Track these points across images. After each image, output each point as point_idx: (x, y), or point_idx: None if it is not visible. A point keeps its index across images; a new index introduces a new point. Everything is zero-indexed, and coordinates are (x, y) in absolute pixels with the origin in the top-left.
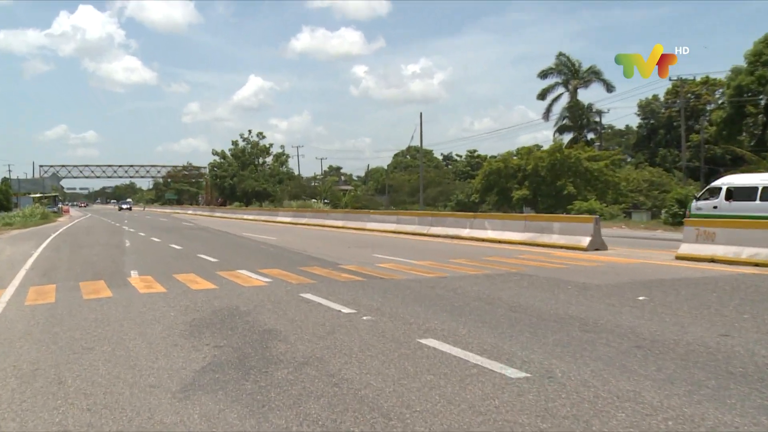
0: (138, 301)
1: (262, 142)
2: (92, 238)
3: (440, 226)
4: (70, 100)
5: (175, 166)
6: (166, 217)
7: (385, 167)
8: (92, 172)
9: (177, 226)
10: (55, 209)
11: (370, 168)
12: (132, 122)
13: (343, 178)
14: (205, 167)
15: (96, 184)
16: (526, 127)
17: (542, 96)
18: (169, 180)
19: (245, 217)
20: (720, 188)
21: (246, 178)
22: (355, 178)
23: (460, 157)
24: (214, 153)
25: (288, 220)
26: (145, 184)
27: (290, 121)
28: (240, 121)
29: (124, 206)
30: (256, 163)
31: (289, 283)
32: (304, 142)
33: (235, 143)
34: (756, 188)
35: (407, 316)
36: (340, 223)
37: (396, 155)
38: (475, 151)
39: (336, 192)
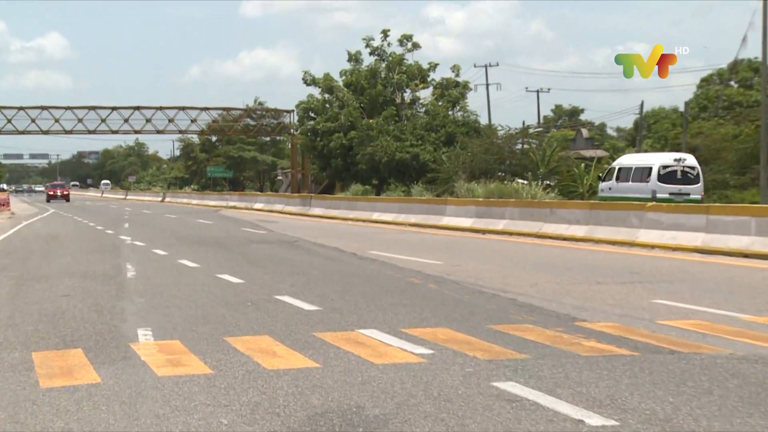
0: (153, 394)
1: (409, 59)
2: (59, 260)
3: None
4: None
5: (227, 110)
6: (208, 215)
7: (680, 109)
8: (56, 121)
9: (233, 235)
10: None
11: (644, 112)
12: (136, 18)
13: (585, 131)
14: (288, 112)
15: (65, 147)
16: None
17: None
18: (214, 140)
19: (375, 216)
20: (614, 168)
21: (376, 133)
22: (612, 133)
23: None
24: (309, 81)
25: (466, 223)
26: (164, 148)
27: (469, 10)
28: (363, 12)
29: None
30: (398, 101)
31: (469, 359)
32: (500, 57)
33: (353, 58)
34: (630, 168)
35: None
36: (579, 230)
37: (703, 82)
38: None
39: (570, 162)
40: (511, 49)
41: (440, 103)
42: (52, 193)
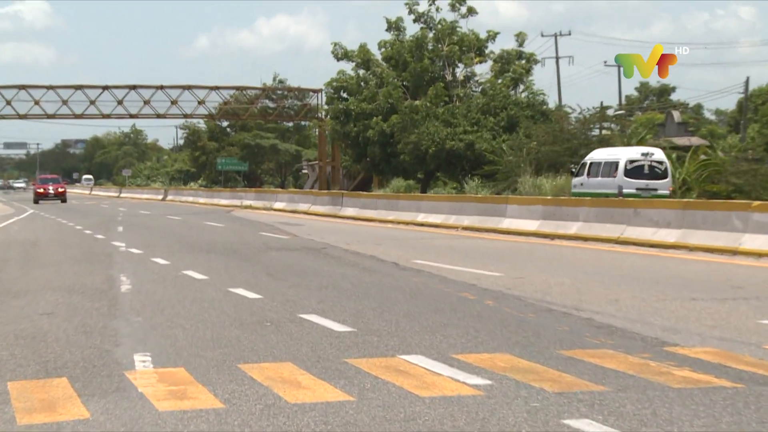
0: None
1: (463, 27)
2: (39, 271)
3: None
4: None
5: (242, 90)
6: (219, 216)
7: None
8: (36, 103)
9: (248, 241)
10: None
11: (750, 91)
12: None
13: (677, 115)
14: (315, 92)
15: (47, 134)
16: None
17: None
18: (226, 125)
19: (420, 218)
20: (586, 164)
21: (421, 117)
22: (710, 116)
23: None
24: (340, 55)
25: (530, 226)
26: (166, 135)
27: None
28: None
29: None
30: (448, 78)
31: (534, 391)
32: (572, 24)
33: (394, 27)
34: (600, 163)
35: None
36: (669, 235)
37: None
38: None
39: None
40: (586, 15)
41: (500, 81)
42: (42, 190)
